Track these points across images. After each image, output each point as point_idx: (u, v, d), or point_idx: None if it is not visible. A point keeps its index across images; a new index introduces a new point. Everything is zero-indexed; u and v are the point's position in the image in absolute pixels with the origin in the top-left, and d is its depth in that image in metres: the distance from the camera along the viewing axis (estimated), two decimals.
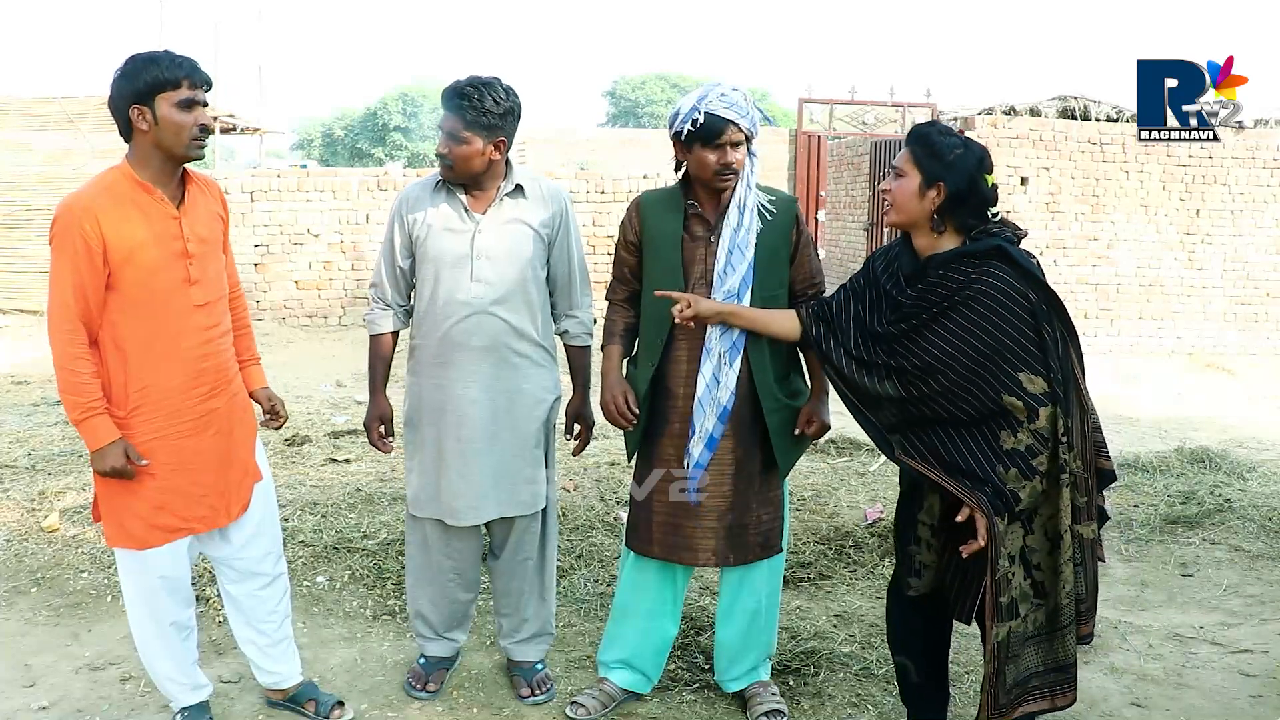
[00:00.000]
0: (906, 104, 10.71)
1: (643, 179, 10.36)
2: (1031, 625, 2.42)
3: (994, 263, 2.37)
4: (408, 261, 2.90)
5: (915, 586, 2.59)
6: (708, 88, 2.66)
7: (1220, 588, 4.07)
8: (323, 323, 10.14)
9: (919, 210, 2.42)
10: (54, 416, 6.23)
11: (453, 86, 2.75)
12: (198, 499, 2.58)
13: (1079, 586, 2.44)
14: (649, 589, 2.90)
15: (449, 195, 2.84)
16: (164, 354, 2.48)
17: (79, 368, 2.41)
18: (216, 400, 2.59)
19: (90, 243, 2.36)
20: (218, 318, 2.60)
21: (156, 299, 2.45)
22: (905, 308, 2.45)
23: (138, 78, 2.39)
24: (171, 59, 2.42)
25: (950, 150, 2.38)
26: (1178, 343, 11.08)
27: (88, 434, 2.44)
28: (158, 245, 2.45)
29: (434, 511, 2.90)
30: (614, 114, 48.39)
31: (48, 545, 4.00)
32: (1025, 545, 2.39)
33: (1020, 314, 2.33)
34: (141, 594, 2.63)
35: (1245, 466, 5.66)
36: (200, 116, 2.45)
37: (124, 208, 2.42)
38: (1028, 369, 2.32)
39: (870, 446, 5.92)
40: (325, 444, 5.68)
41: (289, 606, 2.89)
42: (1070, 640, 2.47)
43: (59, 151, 10.57)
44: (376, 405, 2.98)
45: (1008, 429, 2.33)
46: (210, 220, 2.61)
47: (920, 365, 2.41)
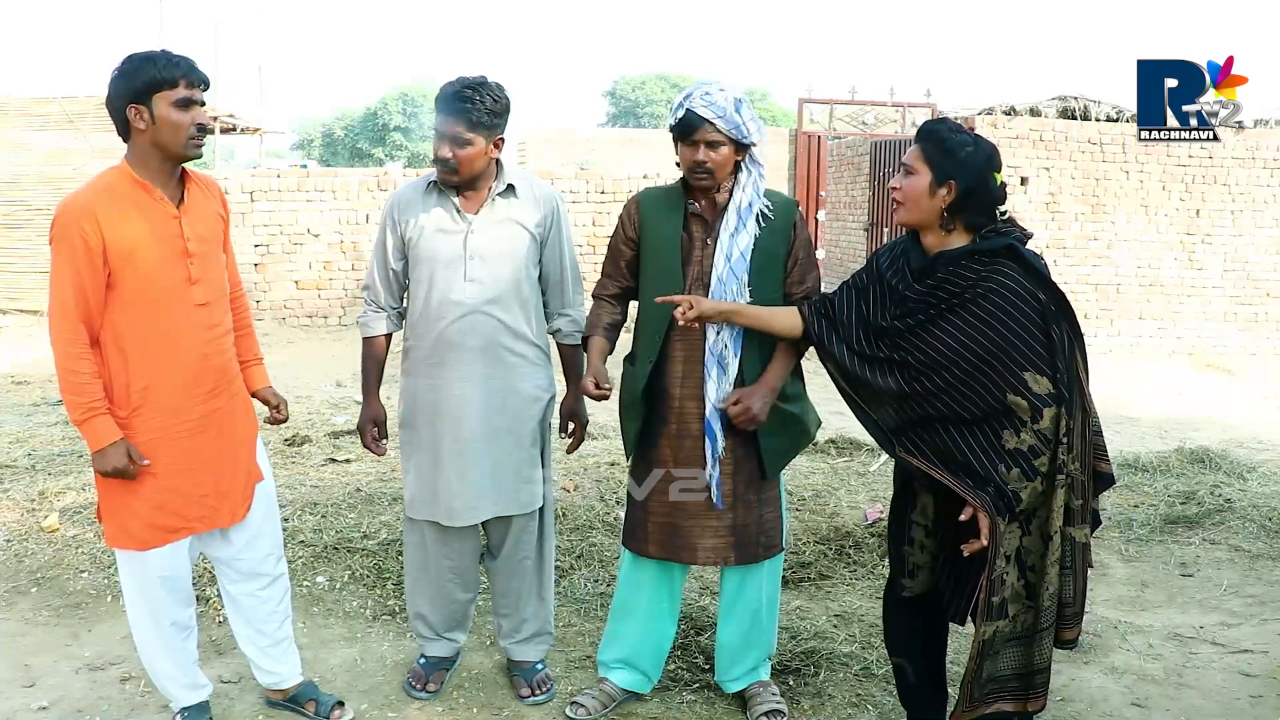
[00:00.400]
0: (906, 104, 10.70)
1: (643, 179, 10.35)
2: (1019, 626, 2.41)
3: (1005, 261, 2.36)
4: (400, 264, 2.90)
5: (910, 587, 2.58)
6: (697, 85, 2.68)
7: (1220, 588, 4.07)
8: (323, 323, 10.14)
9: (929, 208, 2.40)
10: (54, 416, 6.23)
11: (451, 90, 2.74)
12: (198, 499, 2.57)
13: (1065, 590, 2.43)
14: (646, 588, 2.90)
15: (440, 197, 2.84)
16: (165, 353, 2.48)
17: (80, 368, 2.41)
18: (218, 400, 2.59)
19: (90, 242, 2.36)
20: (219, 317, 2.60)
21: (157, 298, 2.45)
22: (912, 302, 2.44)
23: (135, 77, 2.39)
24: (168, 58, 2.41)
25: (961, 147, 2.37)
26: (1178, 343, 11.08)
27: (89, 434, 2.43)
28: (158, 244, 2.45)
29: (431, 514, 2.91)
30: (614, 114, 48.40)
31: (48, 545, 4.00)
32: (1021, 546, 2.38)
33: (1029, 313, 2.32)
34: (141, 594, 2.63)
35: (1245, 466, 5.66)
36: (198, 116, 2.45)
37: (123, 207, 2.42)
38: (1034, 369, 2.31)
39: (870, 446, 5.91)
40: (325, 444, 5.68)
41: (289, 607, 2.88)
42: (1047, 644, 2.43)
43: (59, 151, 10.57)
44: (370, 408, 2.98)
45: (1010, 428, 2.32)
46: (211, 220, 2.60)
47: (925, 360, 2.40)
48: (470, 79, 2.77)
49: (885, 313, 2.49)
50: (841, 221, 15.34)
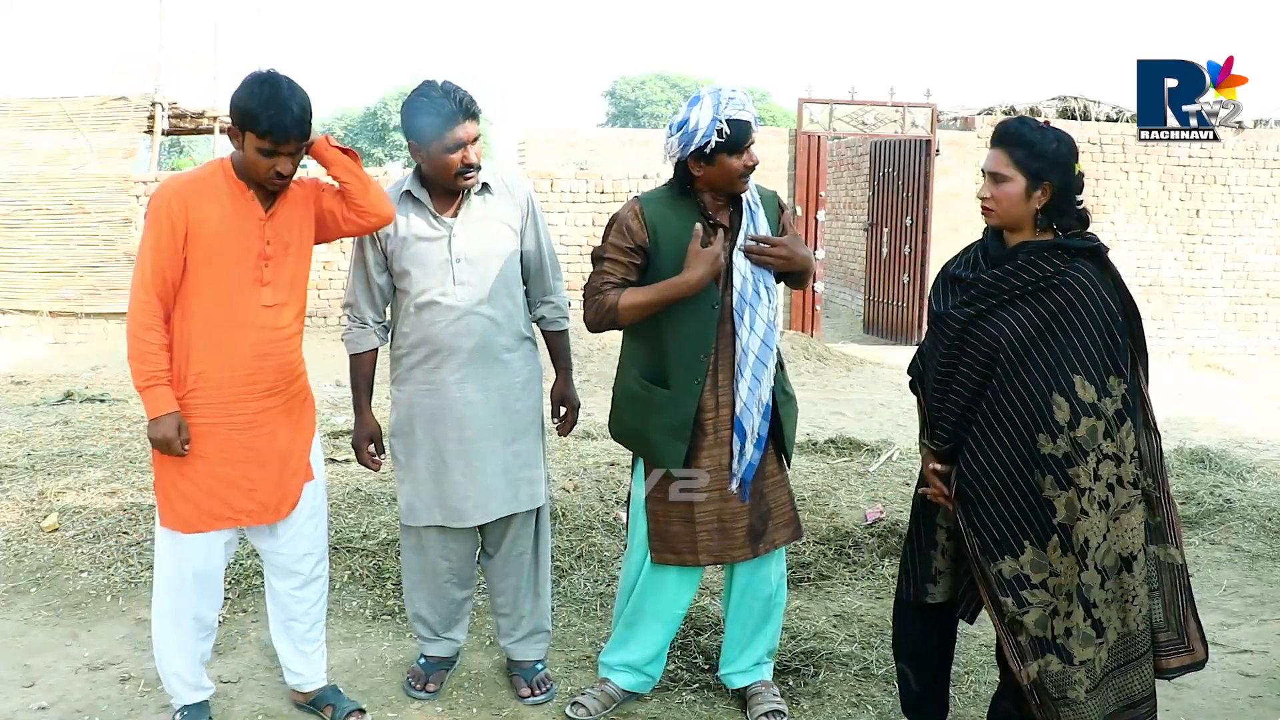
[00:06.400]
0: (906, 104, 10.68)
1: (643, 179, 10.35)
2: (1098, 667, 2.29)
3: (1087, 261, 2.32)
4: (384, 277, 2.88)
5: (933, 594, 2.53)
6: (714, 95, 2.60)
7: (1220, 588, 4.07)
8: (322, 323, 10.14)
9: (1025, 212, 2.35)
10: (54, 417, 6.23)
11: (437, 95, 2.70)
12: (247, 492, 2.64)
13: (1155, 615, 2.34)
14: (668, 592, 2.86)
15: (415, 204, 2.83)
16: (225, 345, 2.56)
17: (149, 338, 2.51)
18: (275, 399, 2.65)
19: (175, 224, 2.49)
20: (286, 321, 2.66)
21: (226, 291, 2.55)
22: (981, 287, 2.37)
23: (237, 103, 2.47)
24: (266, 109, 2.43)
25: (1049, 146, 2.32)
26: (1178, 343, 11.09)
27: (148, 401, 2.53)
28: (237, 240, 2.55)
29: (434, 518, 2.90)
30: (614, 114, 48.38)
31: (47, 545, 4.00)
32: (1081, 582, 2.28)
33: (1098, 317, 2.27)
34: (170, 583, 2.68)
35: (1245, 466, 5.65)
36: (280, 165, 2.52)
37: (213, 199, 2.54)
38: (1084, 374, 2.25)
39: (870, 446, 5.92)
40: (325, 444, 5.68)
41: (323, 611, 2.90)
42: (1147, 672, 2.34)
43: (58, 151, 10.55)
44: (364, 424, 2.96)
45: (1046, 433, 2.26)
46: (299, 228, 2.66)
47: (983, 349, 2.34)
48: (436, 82, 2.74)
49: (949, 302, 2.45)
50: (841, 221, 15.34)
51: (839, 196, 15.45)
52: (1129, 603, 2.30)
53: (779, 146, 10.32)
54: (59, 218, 10.18)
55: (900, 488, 5.06)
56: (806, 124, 10.42)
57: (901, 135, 10.85)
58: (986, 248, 2.47)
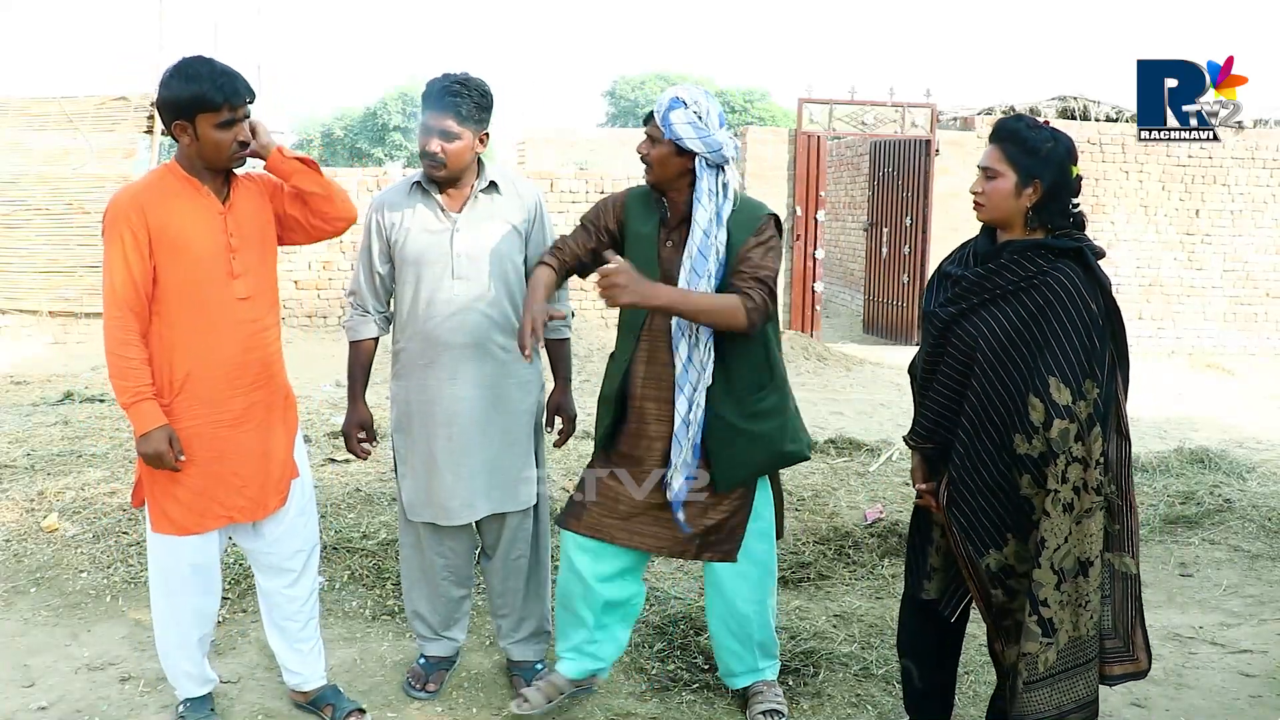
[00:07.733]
0: (906, 104, 10.68)
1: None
2: (1042, 666, 2.30)
3: (1070, 262, 2.31)
4: (386, 267, 2.91)
5: (928, 590, 2.56)
6: (685, 87, 2.74)
7: (1220, 588, 4.07)
8: (322, 323, 10.14)
9: (1014, 209, 2.35)
10: (53, 417, 6.22)
11: (440, 85, 2.76)
12: (237, 489, 2.64)
13: (1104, 621, 2.34)
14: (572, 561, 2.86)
15: (424, 197, 2.85)
16: (207, 344, 2.56)
17: (128, 353, 2.50)
18: (258, 393, 2.65)
19: (136, 235, 2.47)
20: (261, 313, 2.66)
21: (200, 290, 2.54)
22: (965, 285, 2.38)
23: (180, 95, 2.44)
24: (214, 81, 2.44)
25: (1043, 144, 2.32)
26: (1177, 343, 11.09)
27: (135, 418, 2.51)
28: (202, 238, 2.54)
29: (428, 515, 2.91)
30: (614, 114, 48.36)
31: (47, 545, 3.99)
32: (1032, 579, 2.29)
33: (1076, 319, 2.26)
34: (168, 580, 2.69)
35: (1245, 466, 5.65)
36: (240, 132, 2.52)
37: (171, 201, 2.52)
38: (1060, 376, 2.24)
39: (870, 446, 5.92)
40: (325, 444, 5.67)
41: (316, 608, 2.90)
42: (1092, 677, 2.34)
43: (58, 151, 10.54)
44: (356, 411, 2.99)
45: (1022, 433, 2.27)
46: (259, 218, 2.66)
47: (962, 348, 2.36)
48: (457, 75, 2.79)
49: (937, 299, 2.46)
50: (841, 221, 15.35)
51: (839, 196, 15.45)
52: (1081, 607, 2.30)
53: (779, 146, 10.30)
54: (59, 218, 10.17)
55: (900, 488, 5.06)
56: (806, 124, 10.41)
57: (901, 135, 10.85)
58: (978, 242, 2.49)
